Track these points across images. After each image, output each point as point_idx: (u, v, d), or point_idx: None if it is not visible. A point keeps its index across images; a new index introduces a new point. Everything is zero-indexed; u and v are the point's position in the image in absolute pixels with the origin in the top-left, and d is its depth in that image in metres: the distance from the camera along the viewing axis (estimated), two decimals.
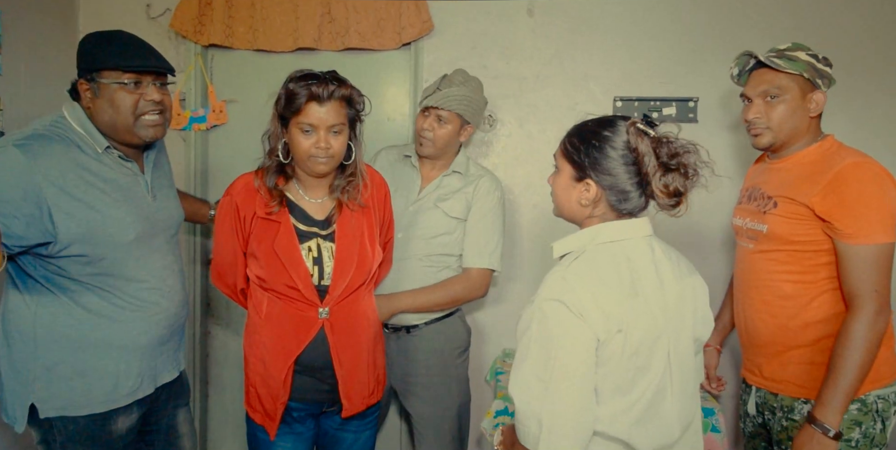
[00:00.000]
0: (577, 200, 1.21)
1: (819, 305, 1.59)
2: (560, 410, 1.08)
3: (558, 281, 1.13)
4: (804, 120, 1.63)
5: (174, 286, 1.62)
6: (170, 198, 1.68)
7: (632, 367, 1.11)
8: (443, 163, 2.08)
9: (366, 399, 1.68)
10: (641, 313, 1.12)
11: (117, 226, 1.48)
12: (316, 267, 1.59)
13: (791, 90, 1.61)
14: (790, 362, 1.63)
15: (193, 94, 2.52)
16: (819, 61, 1.63)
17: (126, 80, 1.46)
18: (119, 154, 1.53)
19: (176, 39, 2.51)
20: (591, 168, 1.18)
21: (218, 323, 2.66)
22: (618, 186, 1.17)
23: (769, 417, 1.71)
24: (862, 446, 1.56)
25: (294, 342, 1.58)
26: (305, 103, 1.51)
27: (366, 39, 2.40)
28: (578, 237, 1.20)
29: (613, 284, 1.13)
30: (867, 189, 1.50)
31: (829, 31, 2.26)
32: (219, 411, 2.68)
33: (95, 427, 1.51)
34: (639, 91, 2.36)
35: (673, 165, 1.14)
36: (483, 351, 2.48)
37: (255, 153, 2.50)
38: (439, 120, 1.98)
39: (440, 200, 2.03)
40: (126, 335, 1.52)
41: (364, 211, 1.68)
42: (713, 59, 2.31)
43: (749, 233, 1.72)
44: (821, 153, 1.62)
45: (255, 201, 1.60)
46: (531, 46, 2.41)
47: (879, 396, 1.57)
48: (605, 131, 1.18)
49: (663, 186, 1.14)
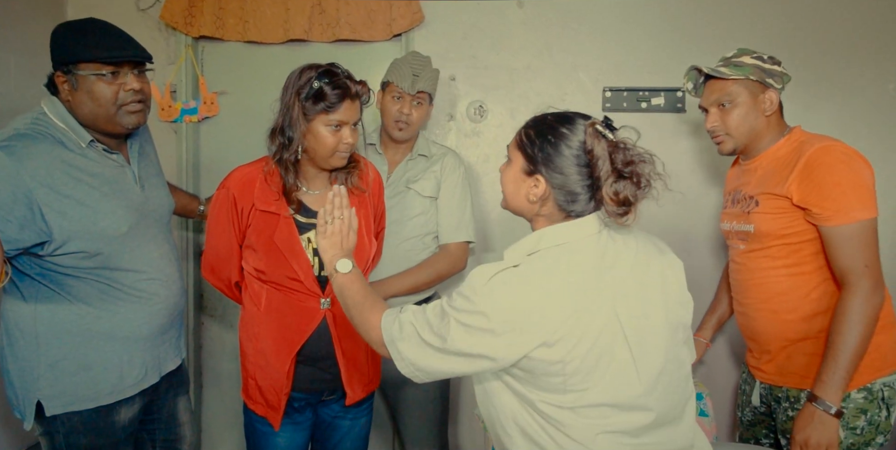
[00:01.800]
0: (525, 196, 1.18)
1: (818, 297, 1.61)
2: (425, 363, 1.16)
3: (480, 278, 1.11)
4: (760, 120, 1.68)
5: (172, 275, 1.63)
6: (158, 186, 1.67)
7: (559, 372, 1.09)
8: (407, 146, 2.14)
9: (366, 386, 1.71)
10: (576, 323, 1.08)
11: (109, 219, 1.47)
12: (316, 258, 1.61)
13: (740, 95, 1.67)
14: (795, 353, 1.65)
15: (184, 85, 2.51)
16: (765, 62, 1.68)
17: (104, 71, 1.44)
18: (104, 147, 1.51)
19: (166, 31, 2.50)
20: (542, 163, 1.15)
21: (211, 315, 2.67)
22: (567, 186, 1.15)
23: (775, 406, 1.73)
24: (867, 434, 1.57)
25: (297, 334, 1.60)
26: (340, 102, 1.51)
27: (356, 31, 2.40)
28: (524, 244, 1.18)
29: (547, 297, 1.08)
30: (837, 170, 1.52)
31: (816, 19, 2.28)
32: (213, 401, 2.70)
33: (99, 419, 1.52)
34: (628, 81, 2.38)
35: (626, 172, 1.11)
36: None
37: (247, 145, 2.51)
38: (418, 103, 2.04)
39: (410, 181, 2.08)
40: (128, 327, 1.53)
41: (361, 203, 1.69)
42: (701, 49, 2.33)
43: (739, 235, 1.74)
44: (790, 145, 1.66)
45: (253, 194, 1.60)
46: (521, 37, 2.42)
47: (885, 383, 1.59)
48: (562, 128, 1.15)
49: (613, 192, 1.11)
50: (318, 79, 1.50)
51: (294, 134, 1.53)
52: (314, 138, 1.54)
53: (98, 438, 1.52)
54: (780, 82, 1.68)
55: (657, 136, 2.32)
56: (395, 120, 2.03)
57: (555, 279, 1.10)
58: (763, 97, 1.67)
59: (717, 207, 2.35)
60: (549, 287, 1.09)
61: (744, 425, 1.87)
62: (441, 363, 1.13)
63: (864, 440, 1.58)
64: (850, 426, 1.57)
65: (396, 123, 2.04)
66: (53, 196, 1.39)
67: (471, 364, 1.12)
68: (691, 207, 2.36)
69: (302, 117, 1.52)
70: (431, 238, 2.10)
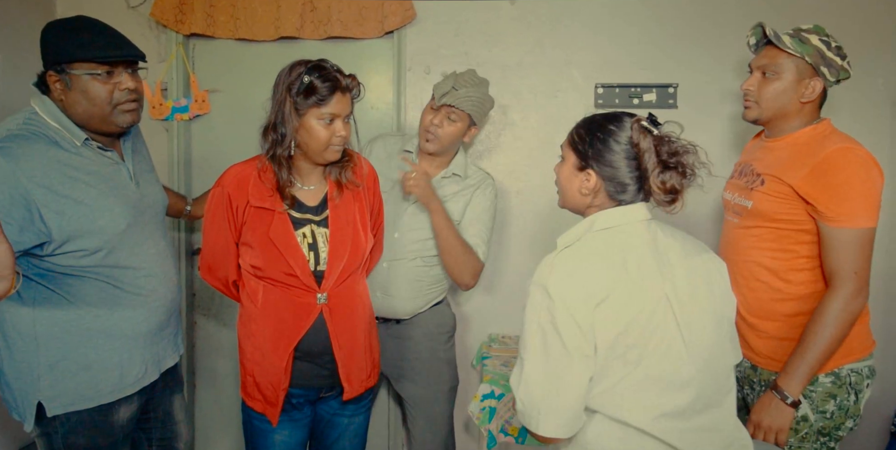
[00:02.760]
0: (578, 189, 1.27)
1: (798, 283, 1.63)
2: (559, 403, 1.15)
3: (546, 267, 1.19)
4: (793, 103, 1.65)
5: (169, 272, 1.63)
6: (152, 183, 1.67)
7: (620, 343, 1.14)
8: (442, 161, 2.09)
9: (364, 382, 1.71)
10: (632, 292, 1.15)
11: (108, 217, 1.47)
12: (312, 253, 1.61)
13: (788, 71, 1.63)
14: (767, 335, 1.68)
15: (175, 83, 2.50)
16: (830, 49, 1.63)
17: (100, 70, 1.44)
18: (98, 145, 1.51)
19: (157, 29, 2.49)
20: (593, 158, 1.24)
21: (204, 314, 2.67)
22: (617, 177, 1.23)
23: (748, 392, 1.77)
24: (837, 418, 1.62)
25: (293, 329, 1.60)
26: (331, 95, 1.52)
27: (348, 28, 2.40)
28: (578, 228, 1.26)
29: (601, 263, 1.17)
30: (852, 174, 1.53)
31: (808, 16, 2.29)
32: (207, 400, 2.69)
33: (98, 418, 1.51)
34: (620, 78, 2.39)
35: (672, 163, 1.19)
36: (469, 338, 2.51)
37: (239, 143, 2.51)
38: (449, 118, 1.98)
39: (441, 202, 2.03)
40: (128, 324, 1.53)
41: (356, 197, 1.70)
42: (692, 45, 2.35)
43: (736, 208, 1.75)
44: (813, 136, 1.64)
45: (248, 191, 1.60)
46: (513, 34, 2.42)
47: (853, 369, 1.63)
48: (610, 125, 1.24)
49: (661, 182, 1.19)
50: (308, 73, 1.51)
51: (286, 130, 1.54)
52: (307, 133, 1.55)
53: (97, 437, 1.51)
54: (834, 75, 1.64)
55: None
56: (425, 129, 2.01)
57: (607, 251, 1.19)
58: (808, 82, 1.63)
59: (710, 202, 2.36)
60: (602, 255, 1.18)
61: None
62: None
63: (835, 424, 1.62)
64: (820, 410, 1.61)
65: (425, 133, 2.01)
66: (51, 196, 1.38)
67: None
68: None
69: (294, 112, 1.53)
70: None
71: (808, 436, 1.62)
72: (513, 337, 2.47)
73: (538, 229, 2.47)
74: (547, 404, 1.15)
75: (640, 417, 1.15)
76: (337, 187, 1.66)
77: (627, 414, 1.16)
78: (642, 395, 1.16)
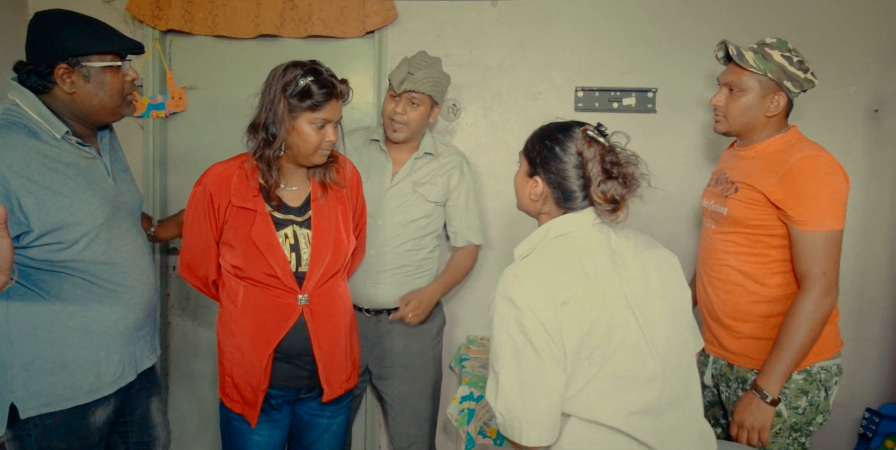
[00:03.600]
0: (528, 195, 1.31)
1: (772, 285, 1.70)
2: (538, 410, 1.16)
3: (509, 278, 1.20)
4: (759, 117, 1.72)
5: (146, 269, 1.61)
6: (128, 181, 1.66)
7: (585, 345, 1.16)
8: (411, 145, 2.11)
9: (344, 384, 1.71)
10: (593, 295, 1.18)
11: (86, 210, 1.45)
12: (293, 254, 1.60)
13: (752, 89, 1.70)
14: (743, 336, 1.75)
15: (151, 80, 2.46)
16: (792, 64, 1.68)
17: (118, 62, 1.48)
18: (77, 140, 1.50)
19: (133, 24, 2.45)
20: (540, 166, 1.28)
21: (179, 314, 2.62)
22: (563, 185, 1.26)
23: (724, 389, 1.83)
24: (808, 413, 1.69)
25: (274, 330, 1.59)
26: (326, 101, 1.52)
27: (329, 27, 2.38)
28: (533, 238, 1.29)
29: (560, 269, 1.19)
30: (819, 180, 1.60)
31: (784, 24, 2.33)
32: (182, 402, 2.65)
33: (74, 420, 1.47)
34: (600, 81, 2.40)
35: (614, 173, 1.22)
36: (447, 339, 2.51)
37: (217, 141, 2.48)
38: (412, 103, 2.00)
39: (417, 184, 2.07)
40: (104, 322, 1.50)
41: (339, 199, 1.69)
42: (671, 50, 2.37)
43: (713, 214, 1.82)
44: (781, 145, 1.70)
45: (230, 190, 1.59)
46: (495, 35, 2.42)
47: (823, 367, 1.70)
48: (559, 134, 1.27)
49: (601, 192, 1.21)
50: (304, 77, 1.50)
51: (278, 131, 1.53)
52: (298, 136, 1.54)
53: (72, 440, 1.48)
54: (797, 87, 1.70)
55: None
56: (390, 118, 2.02)
57: (564, 257, 1.21)
58: (772, 97, 1.70)
59: (686, 205, 2.39)
60: (560, 261, 1.21)
61: (704, 407, 1.95)
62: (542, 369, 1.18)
63: (807, 420, 1.70)
64: (793, 406, 1.69)
65: (391, 123, 2.02)
66: (30, 186, 1.37)
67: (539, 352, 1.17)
68: (659, 205, 2.40)
69: (287, 114, 1.52)
70: (430, 239, 2.12)
71: (781, 431, 1.69)
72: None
73: (518, 231, 2.48)
74: (528, 414, 1.16)
75: (611, 416, 1.17)
76: (321, 188, 1.65)
77: (599, 414, 1.17)
78: (611, 394, 1.18)
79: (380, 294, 2.06)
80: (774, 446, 1.71)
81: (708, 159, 2.41)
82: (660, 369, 1.21)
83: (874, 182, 2.38)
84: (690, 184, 2.37)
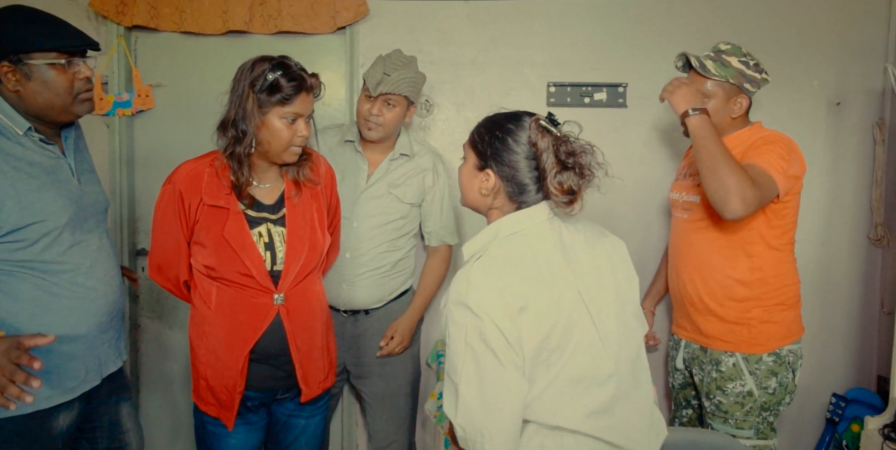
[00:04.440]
0: (478, 190, 1.24)
1: (741, 270, 1.79)
2: (501, 421, 1.10)
3: (462, 283, 1.14)
4: (725, 120, 1.82)
5: (110, 271, 1.57)
6: (93, 182, 1.62)
7: (544, 349, 1.13)
8: (386, 145, 2.09)
9: (321, 383, 1.69)
10: (549, 297, 1.14)
11: (49, 209, 1.42)
12: (268, 252, 1.57)
13: (716, 95, 1.80)
14: (718, 319, 1.83)
15: (117, 77, 2.40)
16: (750, 68, 1.80)
17: (62, 60, 1.43)
18: (40, 137, 1.46)
19: (96, 20, 2.38)
20: (492, 158, 1.21)
21: (148, 316, 2.57)
22: (516, 178, 1.20)
23: (697, 371, 1.91)
24: (778, 393, 1.81)
25: (250, 331, 1.56)
26: (296, 94, 1.49)
27: (299, 23, 2.35)
28: (482, 236, 1.23)
29: (515, 272, 1.14)
30: (780, 144, 1.72)
31: (751, 19, 2.38)
32: (153, 406, 2.60)
33: (35, 425, 1.43)
34: (572, 76, 2.42)
35: (569, 163, 1.17)
36: (424, 336, 2.50)
37: (185, 139, 2.43)
38: (388, 104, 1.98)
39: (392, 186, 2.06)
40: (65, 324, 1.46)
41: (314, 196, 1.67)
42: (642, 46, 2.40)
43: (684, 205, 1.90)
44: (749, 134, 1.82)
45: (201, 189, 1.56)
46: (467, 32, 2.43)
47: (790, 350, 1.82)
48: (509, 124, 1.21)
49: (557, 183, 1.16)
50: (273, 71, 1.48)
51: (248, 127, 1.50)
52: (269, 131, 1.51)
53: (34, 446, 1.44)
54: (755, 87, 1.81)
55: (599, 130, 2.37)
56: (365, 118, 2.00)
57: (518, 258, 1.16)
58: (735, 99, 1.81)
59: (657, 196, 2.43)
60: (514, 263, 1.15)
61: (675, 388, 2.05)
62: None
63: (776, 400, 1.81)
64: (763, 386, 1.79)
65: (366, 123, 2.00)
66: None
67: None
68: (630, 197, 2.43)
69: (257, 110, 1.49)
70: (406, 240, 2.12)
71: (752, 410, 1.80)
72: None
73: None
74: (491, 425, 1.10)
75: (571, 418, 1.15)
76: (295, 186, 1.63)
77: (561, 419, 1.14)
78: (569, 397, 1.15)
79: (356, 296, 2.05)
80: (745, 424, 1.81)
81: (678, 152, 2.45)
82: (614, 367, 1.18)
83: (836, 173, 2.44)
84: (661, 176, 2.41)
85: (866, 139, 2.44)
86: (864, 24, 2.41)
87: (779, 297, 1.81)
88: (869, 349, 2.50)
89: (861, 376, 2.51)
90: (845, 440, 2.41)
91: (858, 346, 2.51)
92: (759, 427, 1.81)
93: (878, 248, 2.47)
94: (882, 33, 2.41)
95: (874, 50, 2.41)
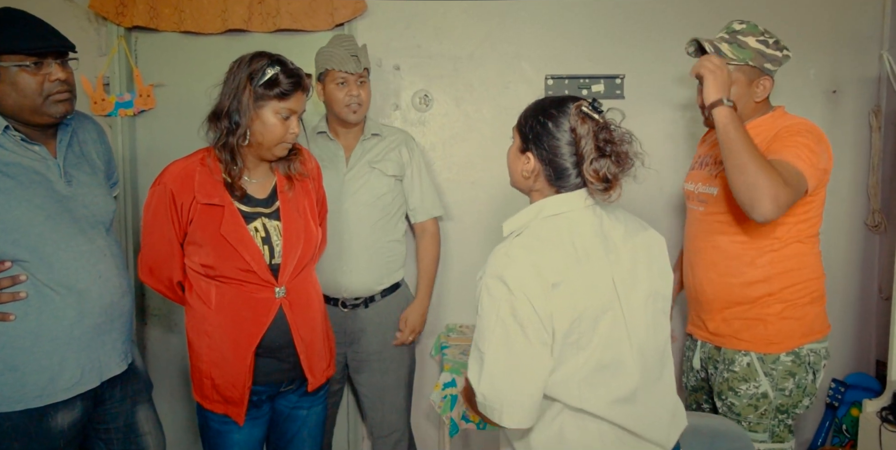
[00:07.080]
0: (520, 171, 1.27)
1: (762, 265, 1.68)
2: (522, 394, 1.14)
3: (501, 257, 1.16)
4: (749, 105, 1.69)
5: (106, 272, 1.54)
6: (91, 186, 1.59)
7: (574, 330, 1.15)
8: (356, 130, 2.17)
9: (325, 371, 1.72)
10: (584, 278, 1.16)
11: (24, 208, 1.42)
12: (266, 246, 1.58)
13: (737, 81, 1.65)
14: (733, 317, 1.73)
15: (118, 78, 2.43)
16: (769, 46, 1.66)
17: (28, 62, 1.42)
18: (21, 137, 1.46)
19: (96, 21, 2.40)
20: (532, 142, 1.23)
21: (156, 314, 2.60)
22: (555, 162, 1.21)
23: (712, 371, 1.82)
24: (795, 396, 1.70)
25: (255, 327, 1.57)
26: (294, 91, 1.52)
27: (297, 20, 2.37)
28: (524, 214, 1.25)
29: (554, 251, 1.17)
30: (806, 137, 1.59)
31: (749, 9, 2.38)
32: (162, 407, 2.61)
33: (30, 423, 1.44)
34: (569, 69, 2.44)
35: (607, 151, 1.18)
36: (427, 327, 2.53)
37: (186, 139, 2.43)
38: (361, 82, 2.07)
39: (373, 162, 2.13)
40: (57, 325, 1.46)
41: (305, 191, 1.69)
42: (637, 37, 2.42)
43: (701, 196, 1.80)
44: (772, 120, 1.70)
45: (194, 187, 1.55)
46: (464, 26, 2.44)
47: (811, 349, 1.70)
48: (553, 109, 1.22)
49: (593, 170, 1.17)
50: (272, 66, 1.50)
51: (241, 119, 1.51)
52: (262, 125, 1.53)
53: (31, 443, 1.45)
54: (777, 66, 1.68)
55: None
56: (347, 104, 2.05)
57: (557, 238, 1.18)
58: (758, 82, 1.67)
59: (655, 188, 2.45)
60: (553, 242, 1.18)
61: (688, 390, 1.97)
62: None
63: (793, 402, 1.70)
64: (779, 387, 1.69)
65: (348, 107, 2.05)
66: None
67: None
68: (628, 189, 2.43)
69: (252, 102, 1.50)
70: (396, 220, 2.17)
71: (766, 412, 1.69)
72: (470, 326, 2.51)
73: (492, 219, 2.51)
74: (511, 397, 1.14)
75: (596, 404, 1.17)
76: (287, 181, 1.65)
77: (587, 404, 1.17)
78: (596, 383, 1.17)
79: (353, 282, 2.09)
80: (759, 427, 1.71)
81: (677, 142, 2.46)
82: (639, 357, 1.20)
83: (833, 160, 2.43)
84: (660, 167, 2.42)
85: (862, 127, 2.46)
86: (860, 12, 2.42)
87: (802, 290, 1.71)
88: (867, 335, 2.52)
89: (860, 361, 2.53)
90: (845, 425, 2.43)
91: (857, 331, 2.53)
92: (774, 430, 1.71)
93: (876, 234, 2.49)
94: (877, 21, 2.42)
95: (870, 38, 2.42)
